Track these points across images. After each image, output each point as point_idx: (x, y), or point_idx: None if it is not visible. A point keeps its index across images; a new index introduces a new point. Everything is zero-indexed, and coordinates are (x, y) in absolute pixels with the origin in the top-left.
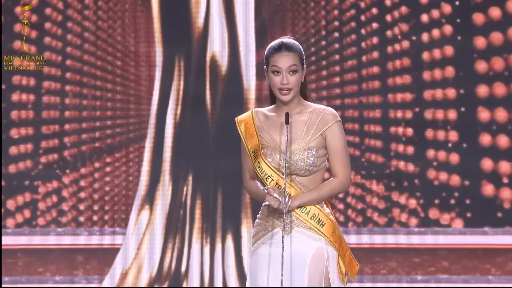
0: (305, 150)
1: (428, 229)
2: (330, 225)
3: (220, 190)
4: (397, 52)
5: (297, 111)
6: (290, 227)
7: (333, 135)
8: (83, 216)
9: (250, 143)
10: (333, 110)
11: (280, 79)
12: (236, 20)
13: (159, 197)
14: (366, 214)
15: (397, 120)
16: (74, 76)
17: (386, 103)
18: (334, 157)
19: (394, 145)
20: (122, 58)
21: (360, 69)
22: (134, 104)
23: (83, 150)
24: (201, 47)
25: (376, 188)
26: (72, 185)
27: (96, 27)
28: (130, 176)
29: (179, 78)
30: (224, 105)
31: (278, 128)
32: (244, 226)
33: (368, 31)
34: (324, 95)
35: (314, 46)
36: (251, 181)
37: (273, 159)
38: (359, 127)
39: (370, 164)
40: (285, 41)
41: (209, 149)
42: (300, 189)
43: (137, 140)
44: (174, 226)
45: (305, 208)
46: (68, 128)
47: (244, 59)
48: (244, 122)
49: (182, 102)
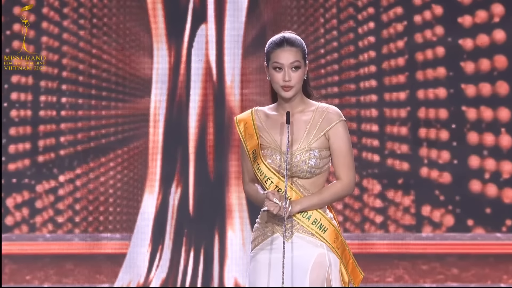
0: (307, 151)
1: (437, 235)
2: (333, 231)
3: (207, 193)
4: (393, 53)
5: (299, 110)
6: (290, 232)
7: (337, 135)
8: (73, 222)
9: (249, 143)
10: (337, 109)
11: (282, 75)
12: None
13: (148, 200)
14: (372, 219)
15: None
16: (70, 75)
17: None
18: (338, 159)
19: (394, 145)
20: (116, 56)
21: (358, 68)
22: (130, 103)
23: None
24: (197, 44)
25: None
26: (58, 189)
27: (91, 25)
28: (119, 182)
29: (176, 76)
30: (217, 105)
31: (279, 128)
32: (230, 228)
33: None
34: (322, 93)
35: (313, 44)
36: (250, 184)
37: (273, 161)
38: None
39: (368, 163)
40: (287, 36)
41: (204, 150)
42: (302, 192)
43: (131, 140)
44: (162, 230)
45: (306, 213)
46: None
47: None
48: (244, 122)
49: (177, 101)
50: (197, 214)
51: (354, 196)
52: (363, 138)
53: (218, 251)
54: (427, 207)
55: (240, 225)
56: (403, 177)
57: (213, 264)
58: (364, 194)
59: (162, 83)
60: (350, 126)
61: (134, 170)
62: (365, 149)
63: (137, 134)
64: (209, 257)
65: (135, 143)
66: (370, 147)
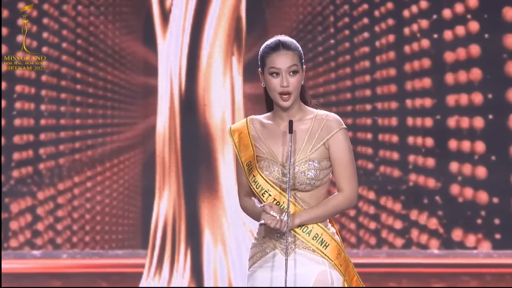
0: (306, 161)
1: (450, 252)
2: (335, 247)
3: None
4: (416, 52)
5: (297, 118)
6: (290, 248)
7: (337, 144)
8: (61, 237)
9: (244, 155)
10: (337, 116)
11: (280, 81)
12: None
13: (141, 213)
14: (380, 235)
15: (416, 129)
16: (51, 79)
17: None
18: (339, 169)
19: (413, 157)
20: (105, 59)
21: (374, 72)
22: (119, 110)
23: (61, 164)
24: (192, 46)
25: (392, 206)
26: (48, 202)
27: (75, 24)
28: (114, 192)
29: (169, 80)
30: (214, 111)
31: (276, 138)
32: (227, 244)
33: (383, 28)
34: (333, 100)
35: (322, 45)
36: (246, 198)
37: (270, 172)
38: (372, 136)
39: (386, 178)
40: (283, 39)
41: (198, 160)
42: (301, 205)
43: (121, 151)
44: (151, 245)
45: (307, 227)
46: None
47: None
48: (238, 132)
49: (170, 108)
50: (196, 228)
51: (369, 215)
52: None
53: (213, 268)
54: (450, 227)
55: (236, 241)
56: (422, 193)
57: (209, 283)
58: (380, 213)
59: (155, 88)
60: (364, 136)
61: (129, 181)
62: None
63: (131, 144)
64: (208, 274)
65: (131, 152)
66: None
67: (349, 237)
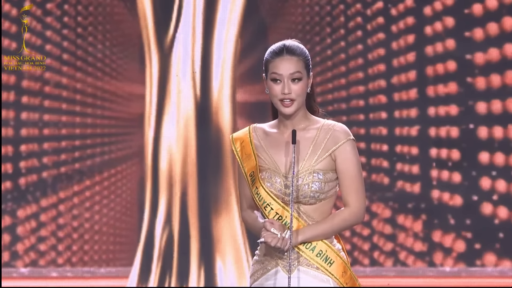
0: (310, 173)
1: (463, 269)
2: (340, 264)
3: (206, 222)
4: (438, 54)
5: (302, 127)
6: (293, 265)
7: (344, 156)
8: (49, 256)
9: (246, 165)
10: (344, 126)
11: (281, 88)
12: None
13: (135, 231)
14: (397, 256)
15: (438, 140)
16: (33, 85)
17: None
18: (346, 183)
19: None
20: (103, 69)
21: (390, 76)
22: (109, 120)
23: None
24: (185, 54)
25: (412, 224)
26: (30, 220)
27: (76, 35)
28: (105, 208)
29: (164, 90)
30: (215, 120)
31: (279, 148)
32: (225, 260)
33: (401, 28)
34: (342, 108)
35: (331, 49)
36: (248, 211)
37: (272, 184)
38: (388, 148)
39: (403, 194)
40: (288, 44)
41: (197, 172)
42: (305, 220)
43: (112, 164)
44: (148, 267)
45: (310, 244)
46: (26, 149)
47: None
48: (240, 140)
49: (167, 117)
50: (193, 245)
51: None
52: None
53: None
54: (473, 245)
55: (236, 257)
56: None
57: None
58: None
59: (152, 98)
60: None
61: (122, 195)
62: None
63: (126, 155)
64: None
65: (123, 165)
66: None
67: (362, 259)
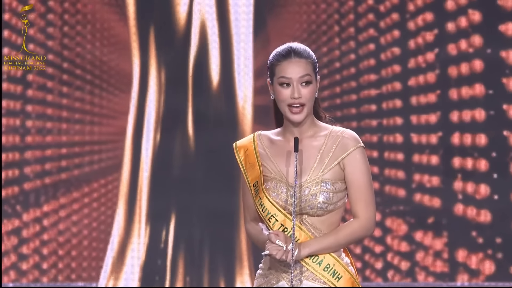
0: (318, 183)
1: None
2: (349, 279)
3: (208, 234)
4: (463, 53)
5: (309, 134)
6: (299, 280)
7: (353, 164)
8: (37, 271)
9: (250, 174)
10: (354, 133)
11: (290, 92)
12: (230, 21)
13: (133, 244)
14: (414, 274)
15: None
16: (14, 88)
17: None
18: (355, 193)
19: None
20: (92, 71)
21: (406, 79)
22: (99, 126)
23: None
24: (184, 56)
25: (431, 242)
26: (13, 234)
27: (62, 34)
28: (94, 221)
29: (159, 94)
30: (215, 127)
31: (285, 156)
32: (239, 280)
33: (420, 24)
34: (353, 113)
35: (339, 49)
36: (252, 223)
37: (278, 194)
38: (403, 157)
39: (421, 208)
40: (294, 46)
41: (196, 183)
42: (312, 232)
43: (104, 173)
44: (151, 280)
45: (317, 257)
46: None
47: (238, 69)
48: (244, 149)
49: (162, 124)
50: (191, 262)
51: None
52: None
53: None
54: (504, 265)
55: (240, 271)
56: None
57: None
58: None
59: (144, 102)
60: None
61: (112, 207)
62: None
63: (116, 164)
64: None
65: (115, 174)
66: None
67: (375, 278)
